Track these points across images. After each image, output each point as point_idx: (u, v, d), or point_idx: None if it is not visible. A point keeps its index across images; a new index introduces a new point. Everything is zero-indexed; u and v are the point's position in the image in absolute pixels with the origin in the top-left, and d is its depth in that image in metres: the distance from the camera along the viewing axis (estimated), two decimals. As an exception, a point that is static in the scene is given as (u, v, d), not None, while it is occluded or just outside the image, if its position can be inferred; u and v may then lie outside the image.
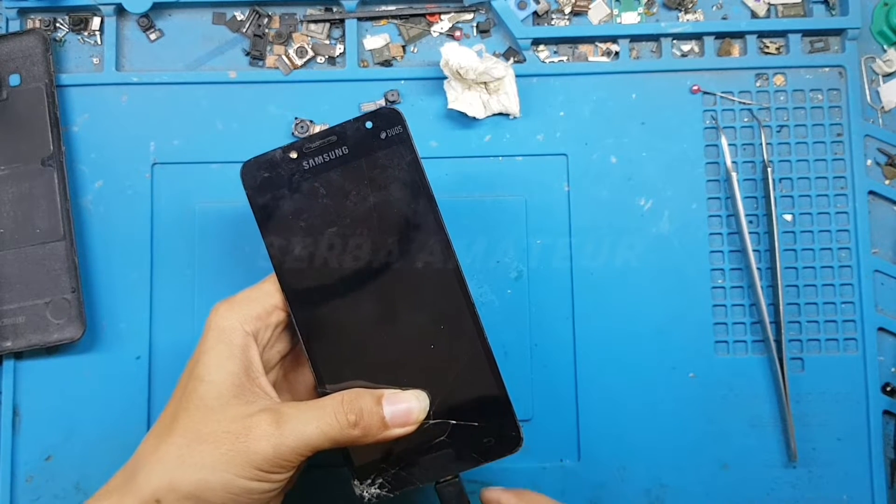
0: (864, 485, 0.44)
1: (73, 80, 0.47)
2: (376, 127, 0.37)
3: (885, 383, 0.45)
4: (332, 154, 0.37)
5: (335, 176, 0.37)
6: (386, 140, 0.37)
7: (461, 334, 0.37)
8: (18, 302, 0.44)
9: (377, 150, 0.37)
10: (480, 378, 0.37)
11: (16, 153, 0.45)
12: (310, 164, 0.37)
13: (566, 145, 0.46)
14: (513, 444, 0.37)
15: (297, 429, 0.33)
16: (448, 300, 0.37)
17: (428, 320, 0.37)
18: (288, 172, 0.37)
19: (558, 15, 0.48)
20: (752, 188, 0.46)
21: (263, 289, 0.37)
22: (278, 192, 0.37)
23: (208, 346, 0.35)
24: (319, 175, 0.37)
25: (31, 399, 0.45)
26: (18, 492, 0.44)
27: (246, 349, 0.35)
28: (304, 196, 0.37)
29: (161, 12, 0.48)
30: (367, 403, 0.35)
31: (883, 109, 0.47)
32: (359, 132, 0.37)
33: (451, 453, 0.37)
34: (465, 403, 0.36)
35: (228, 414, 0.34)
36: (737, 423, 0.45)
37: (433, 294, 0.37)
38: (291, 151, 0.37)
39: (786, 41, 0.47)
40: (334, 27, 0.48)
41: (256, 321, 0.36)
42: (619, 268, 0.46)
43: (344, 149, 0.37)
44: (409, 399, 0.35)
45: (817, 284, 0.46)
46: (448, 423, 0.36)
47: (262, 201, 0.37)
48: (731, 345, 0.45)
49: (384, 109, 0.37)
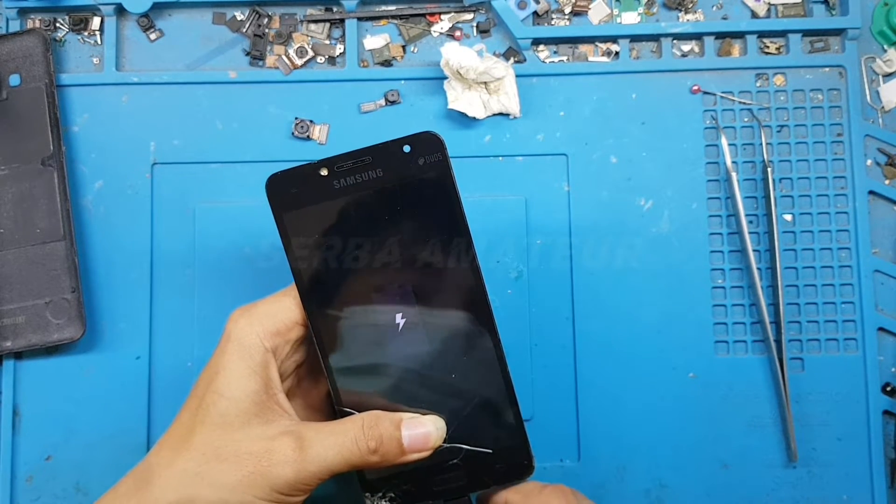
0: (864, 485, 0.44)
1: (73, 80, 0.47)
2: (414, 151, 0.36)
3: (885, 383, 0.45)
4: (365, 175, 0.36)
5: (366, 198, 0.36)
6: (423, 166, 0.36)
7: (484, 366, 0.37)
8: (18, 302, 0.44)
9: (413, 176, 0.36)
10: (498, 408, 0.37)
11: (16, 153, 0.45)
12: (340, 184, 0.36)
13: (566, 145, 0.46)
14: (524, 472, 0.37)
15: (320, 454, 0.33)
16: (475, 332, 0.37)
17: (452, 349, 0.36)
18: (316, 189, 0.36)
19: (558, 15, 0.48)
20: (752, 188, 0.46)
21: (283, 303, 0.36)
22: (305, 208, 0.36)
23: (228, 361, 0.34)
24: (349, 195, 0.36)
25: (31, 399, 0.45)
26: (18, 492, 0.44)
27: (266, 366, 0.35)
28: (332, 215, 0.36)
29: (161, 12, 0.48)
30: (387, 429, 0.35)
31: (883, 109, 0.47)
32: (395, 155, 0.36)
33: (462, 475, 0.37)
34: (480, 430, 0.36)
35: (250, 434, 0.33)
36: (737, 423, 0.45)
37: (460, 324, 0.37)
38: (322, 169, 0.36)
39: (786, 41, 0.47)
40: (334, 27, 0.48)
41: (276, 337, 0.35)
42: (619, 268, 0.46)
43: (378, 171, 0.36)
44: (427, 425, 0.35)
45: (817, 284, 0.46)
46: (461, 447, 0.36)
47: (288, 217, 0.36)
48: (731, 345, 0.45)
49: (425, 134, 0.36)
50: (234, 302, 0.45)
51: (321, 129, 0.46)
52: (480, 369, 0.37)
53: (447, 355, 0.36)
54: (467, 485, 0.37)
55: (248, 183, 0.46)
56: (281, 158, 0.46)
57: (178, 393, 0.45)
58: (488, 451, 0.37)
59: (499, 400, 0.37)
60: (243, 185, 0.46)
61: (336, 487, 0.44)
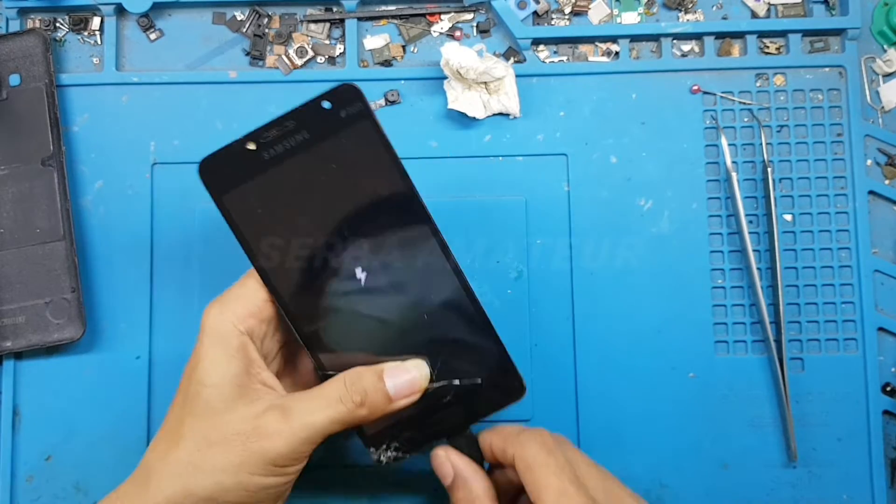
0: (864, 485, 0.44)
1: (73, 80, 0.47)
2: (335, 106, 0.35)
3: (885, 383, 0.45)
4: (293, 140, 0.36)
5: (300, 162, 0.36)
6: (347, 118, 0.35)
7: (453, 300, 0.37)
8: (18, 302, 0.44)
9: (340, 130, 0.36)
10: (477, 336, 0.37)
11: (16, 153, 0.45)
12: (270, 154, 0.36)
13: (566, 145, 0.46)
14: (516, 393, 0.38)
15: (306, 420, 0.34)
16: (433, 266, 0.37)
17: (417, 289, 0.37)
18: (249, 165, 0.36)
19: (558, 15, 0.48)
20: (752, 188, 0.46)
21: (249, 285, 0.37)
22: (242, 186, 0.36)
23: (206, 351, 0.35)
24: (283, 164, 0.36)
25: (31, 399, 0.45)
26: (18, 492, 0.44)
27: (244, 348, 0.35)
28: (271, 187, 0.36)
29: (161, 12, 0.48)
30: (370, 382, 0.35)
31: (883, 109, 0.47)
32: (317, 114, 0.35)
33: (458, 410, 0.37)
34: (465, 362, 0.37)
35: (236, 415, 0.34)
36: (737, 423, 0.45)
37: (418, 263, 0.37)
38: (249, 143, 0.36)
39: (786, 41, 0.47)
40: (334, 27, 0.48)
41: (249, 319, 0.36)
42: (619, 268, 0.46)
43: (304, 133, 0.36)
44: (410, 370, 0.36)
45: (817, 284, 0.46)
46: (452, 383, 0.37)
47: (227, 199, 0.36)
48: (731, 345, 0.45)
49: (341, 87, 0.35)
50: (234, 302, 0.45)
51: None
52: (450, 304, 0.37)
53: (415, 298, 0.37)
54: (465, 418, 0.37)
55: (248, 183, 0.46)
56: (281, 158, 0.46)
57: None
58: (477, 382, 0.37)
59: (476, 330, 0.37)
60: (243, 185, 0.46)
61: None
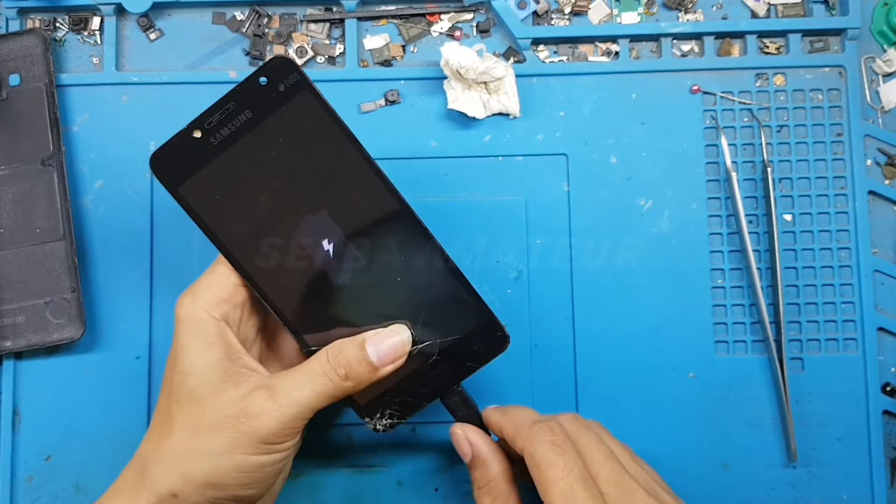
0: (864, 485, 0.44)
1: (73, 80, 0.47)
2: (272, 81, 0.36)
3: (885, 383, 0.45)
4: (237, 121, 0.36)
5: (248, 142, 0.36)
6: (286, 91, 0.36)
7: (421, 256, 0.37)
8: (18, 302, 0.44)
9: (281, 104, 0.36)
10: (452, 292, 0.38)
11: (16, 153, 0.45)
12: (217, 139, 0.36)
13: (566, 145, 0.46)
14: (501, 343, 0.38)
15: (293, 396, 0.34)
16: (397, 227, 0.37)
17: (385, 253, 0.37)
18: (198, 153, 0.36)
19: (558, 15, 0.48)
20: (752, 188, 0.46)
21: (219, 271, 0.37)
22: (196, 175, 0.36)
23: (183, 341, 0.35)
24: (231, 146, 0.36)
25: (31, 399, 0.45)
26: (18, 491, 0.44)
27: (221, 334, 0.36)
28: (224, 171, 0.36)
29: (161, 12, 0.48)
30: (352, 353, 0.35)
31: (883, 109, 0.47)
32: (256, 92, 0.36)
33: (447, 368, 0.38)
34: (445, 320, 0.38)
35: (223, 399, 0.34)
36: (737, 423, 0.45)
37: (381, 226, 0.37)
38: (194, 131, 0.36)
39: (786, 41, 0.47)
40: (334, 27, 0.48)
41: (223, 304, 0.36)
42: (619, 268, 0.46)
43: (247, 112, 0.36)
44: (390, 335, 0.36)
45: (817, 284, 0.46)
46: (435, 342, 0.37)
47: (183, 189, 0.36)
48: (730, 345, 0.45)
49: (274, 60, 0.36)
50: (233, 302, 0.45)
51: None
52: (420, 263, 0.37)
53: (384, 262, 0.37)
54: (454, 375, 0.38)
55: (248, 183, 0.46)
56: (281, 158, 0.46)
57: (177, 393, 0.45)
58: (459, 337, 0.38)
59: (451, 286, 0.38)
60: (243, 185, 0.46)
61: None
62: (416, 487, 0.44)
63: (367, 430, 0.44)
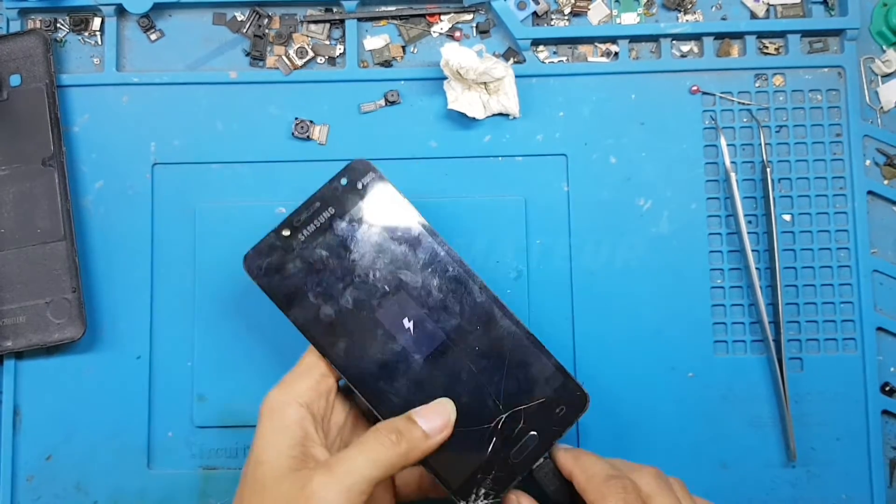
0: (863, 484, 0.44)
1: (73, 81, 0.47)
2: (351, 181, 0.39)
3: (884, 383, 0.45)
4: (322, 218, 0.39)
5: (332, 237, 0.39)
6: (364, 188, 0.39)
7: (496, 325, 0.39)
8: (19, 302, 0.45)
9: (360, 201, 0.39)
10: (528, 356, 0.39)
11: (17, 153, 0.45)
12: (304, 236, 0.39)
13: (566, 145, 0.46)
14: (582, 403, 0.38)
15: (348, 467, 0.34)
16: (473, 301, 0.39)
17: (463, 326, 0.39)
18: (288, 250, 0.39)
19: (558, 15, 0.48)
20: (752, 188, 0.46)
21: (307, 362, 0.38)
22: (285, 271, 0.39)
23: (262, 430, 0.36)
24: (318, 242, 0.39)
25: (32, 399, 0.45)
26: (19, 491, 0.45)
27: (301, 422, 0.36)
28: (311, 266, 0.39)
29: (161, 13, 0.48)
30: (402, 422, 0.36)
31: (882, 110, 0.47)
32: (337, 191, 0.39)
33: (533, 436, 0.38)
34: (525, 386, 0.38)
35: (286, 485, 0.34)
36: (736, 423, 0.45)
37: (457, 301, 0.39)
38: (283, 230, 0.39)
39: (785, 42, 0.47)
40: (334, 27, 0.48)
41: (309, 392, 0.37)
42: (619, 268, 0.46)
43: (330, 210, 0.39)
44: (434, 408, 0.37)
45: (816, 284, 0.46)
46: (518, 410, 0.38)
47: (274, 285, 0.39)
48: (730, 345, 0.45)
49: (353, 164, 0.39)
50: (233, 302, 0.45)
51: (321, 129, 0.47)
52: (497, 331, 0.39)
53: (463, 336, 0.39)
54: (541, 442, 0.38)
55: (248, 183, 0.46)
56: (281, 159, 0.46)
57: (178, 393, 0.45)
58: (541, 401, 0.38)
59: (526, 351, 0.39)
60: (243, 186, 0.46)
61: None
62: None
63: None
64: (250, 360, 0.45)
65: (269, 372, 0.45)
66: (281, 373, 0.45)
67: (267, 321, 0.45)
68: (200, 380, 0.45)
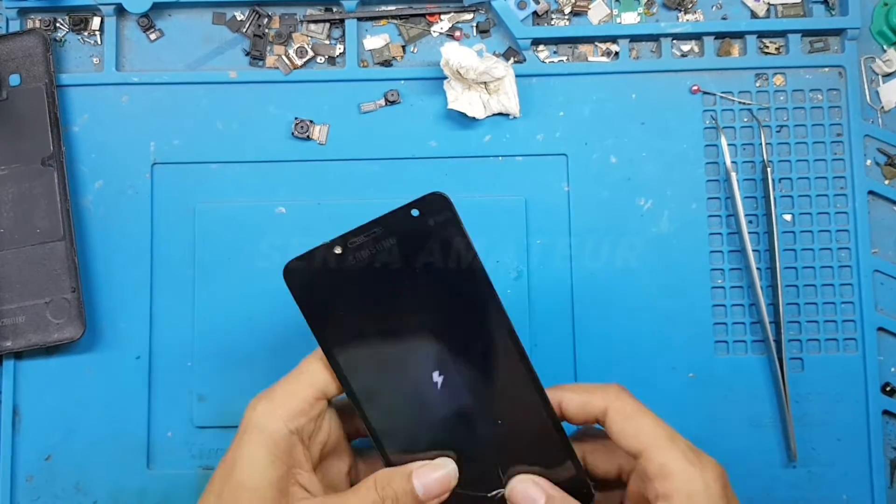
0: (863, 485, 0.44)
1: (73, 80, 0.47)
2: (423, 214, 0.36)
3: (884, 383, 0.45)
4: (380, 246, 0.36)
5: (383, 268, 0.36)
6: (434, 227, 0.36)
7: (525, 406, 0.36)
8: (18, 302, 0.45)
9: (426, 237, 0.36)
10: (548, 444, 0.36)
11: (16, 153, 0.45)
12: (355, 259, 0.36)
13: (566, 145, 0.46)
14: (586, 500, 0.36)
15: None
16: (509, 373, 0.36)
17: (492, 396, 0.36)
18: (334, 268, 0.36)
19: (558, 15, 0.48)
20: (752, 188, 0.46)
21: (302, 380, 0.35)
22: (327, 289, 0.36)
23: (249, 450, 0.33)
24: (367, 268, 0.36)
25: (31, 399, 0.45)
26: (18, 491, 0.45)
27: (290, 450, 0.34)
28: (355, 291, 0.36)
29: (161, 12, 0.48)
30: (400, 485, 0.34)
31: (882, 109, 0.47)
32: (405, 222, 0.36)
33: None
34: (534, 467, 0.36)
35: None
36: (737, 423, 0.45)
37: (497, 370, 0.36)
38: (335, 247, 0.36)
39: (785, 41, 0.47)
40: (334, 27, 0.48)
41: (300, 416, 0.34)
42: (619, 268, 0.46)
43: (391, 239, 0.36)
44: (436, 469, 0.35)
45: (817, 284, 0.46)
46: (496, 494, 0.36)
47: (312, 300, 0.36)
48: (730, 345, 0.45)
49: (431, 196, 0.36)
50: (233, 302, 0.45)
51: (321, 129, 0.47)
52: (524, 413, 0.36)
53: (489, 404, 0.36)
54: None
55: (248, 183, 0.46)
56: (281, 158, 0.46)
57: (178, 393, 0.45)
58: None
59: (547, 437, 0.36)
60: (243, 185, 0.46)
61: None
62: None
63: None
64: (250, 360, 0.45)
65: (269, 372, 0.45)
66: (281, 373, 0.45)
67: (267, 321, 0.45)
68: (200, 380, 0.45)
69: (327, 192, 0.46)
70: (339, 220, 0.44)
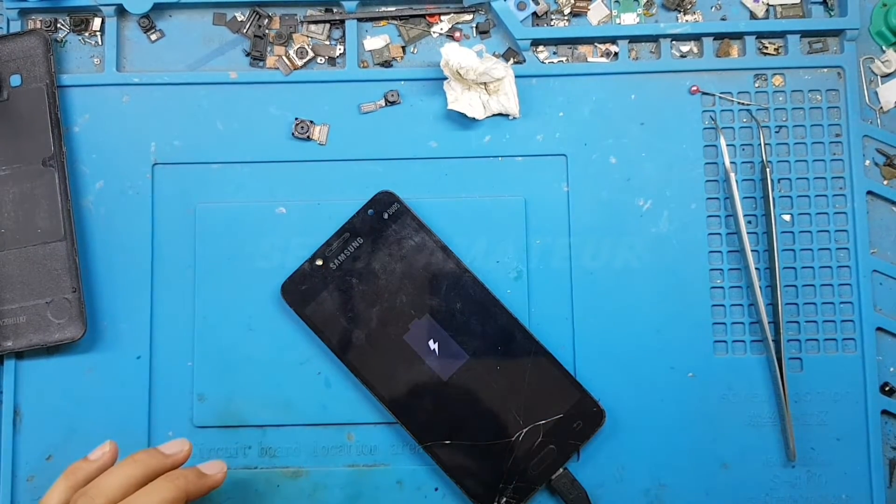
0: (862, 484, 0.45)
1: (74, 81, 0.47)
2: (377, 212, 0.44)
3: (883, 383, 0.45)
4: (351, 248, 0.43)
5: (361, 264, 0.43)
6: (389, 218, 0.43)
7: (516, 345, 0.43)
8: (19, 302, 0.45)
9: (385, 229, 0.43)
10: (547, 375, 0.42)
11: (17, 153, 0.45)
12: (336, 264, 0.43)
13: (565, 146, 0.47)
14: (599, 418, 0.43)
15: None
16: (492, 320, 0.43)
17: (485, 345, 0.43)
18: (321, 278, 0.43)
19: (557, 16, 0.48)
20: (751, 188, 0.46)
21: None
22: (320, 296, 0.43)
23: None
24: (348, 269, 0.43)
25: (32, 399, 0.45)
26: (19, 491, 0.45)
27: None
28: (344, 291, 0.43)
29: (161, 13, 0.48)
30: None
31: (881, 110, 0.47)
32: (365, 221, 0.44)
33: (552, 449, 0.42)
34: (544, 402, 0.42)
35: None
36: (736, 423, 0.45)
37: (479, 321, 0.43)
38: (317, 260, 0.43)
39: (784, 42, 0.47)
40: (334, 28, 0.48)
41: None
42: (619, 268, 0.46)
43: (359, 240, 0.43)
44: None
45: (816, 284, 0.46)
46: (538, 425, 0.42)
47: (310, 310, 0.43)
48: (729, 345, 0.45)
49: (378, 195, 0.44)
50: (234, 302, 0.45)
51: (321, 129, 0.47)
52: (516, 350, 0.42)
53: (485, 354, 0.42)
54: (559, 455, 0.42)
55: (248, 183, 0.46)
56: (281, 159, 0.46)
57: (178, 393, 0.45)
58: (560, 417, 0.42)
59: (544, 369, 0.42)
60: (243, 185, 0.46)
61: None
62: (416, 487, 0.44)
63: (367, 429, 0.44)
64: (250, 360, 0.45)
65: (269, 372, 0.45)
66: (281, 372, 0.45)
67: (267, 321, 0.45)
68: (200, 380, 0.45)
69: (327, 192, 0.46)
70: (340, 221, 0.45)
